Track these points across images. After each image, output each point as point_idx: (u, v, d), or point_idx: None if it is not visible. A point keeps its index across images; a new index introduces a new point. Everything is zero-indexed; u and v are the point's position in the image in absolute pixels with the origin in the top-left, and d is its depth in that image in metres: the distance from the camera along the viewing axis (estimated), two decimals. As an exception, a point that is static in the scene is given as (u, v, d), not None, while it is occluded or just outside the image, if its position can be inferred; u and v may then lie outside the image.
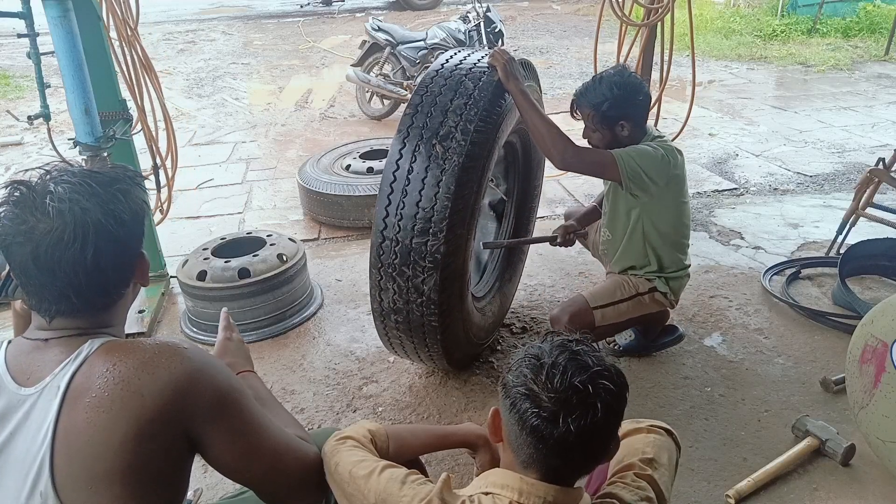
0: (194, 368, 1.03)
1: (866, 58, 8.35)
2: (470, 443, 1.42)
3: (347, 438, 1.25)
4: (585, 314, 2.39)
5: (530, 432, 1.05)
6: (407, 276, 2.14)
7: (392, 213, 2.12)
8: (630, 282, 2.49)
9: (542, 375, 1.07)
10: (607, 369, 1.09)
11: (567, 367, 1.06)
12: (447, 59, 2.35)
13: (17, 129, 6.04)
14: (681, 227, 2.48)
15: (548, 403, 1.05)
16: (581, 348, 1.10)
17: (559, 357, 1.08)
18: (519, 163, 2.94)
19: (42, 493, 0.96)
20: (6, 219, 1.01)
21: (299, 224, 4.26)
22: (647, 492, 1.21)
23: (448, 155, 2.08)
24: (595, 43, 4.33)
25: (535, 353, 1.11)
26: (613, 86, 2.29)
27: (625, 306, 2.46)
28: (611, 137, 2.35)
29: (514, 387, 1.09)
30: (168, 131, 3.25)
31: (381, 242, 2.15)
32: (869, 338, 2.05)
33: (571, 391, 1.04)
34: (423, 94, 2.20)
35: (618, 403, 1.08)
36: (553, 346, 1.11)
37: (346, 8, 12.36)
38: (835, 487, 2.09)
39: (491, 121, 2.17)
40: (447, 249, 2.10)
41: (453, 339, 2.36)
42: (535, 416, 1.04)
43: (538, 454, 1.07)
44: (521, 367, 1.10)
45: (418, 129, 2.13)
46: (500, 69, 2.21)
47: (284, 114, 6.70)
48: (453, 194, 2.06)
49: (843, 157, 5.17)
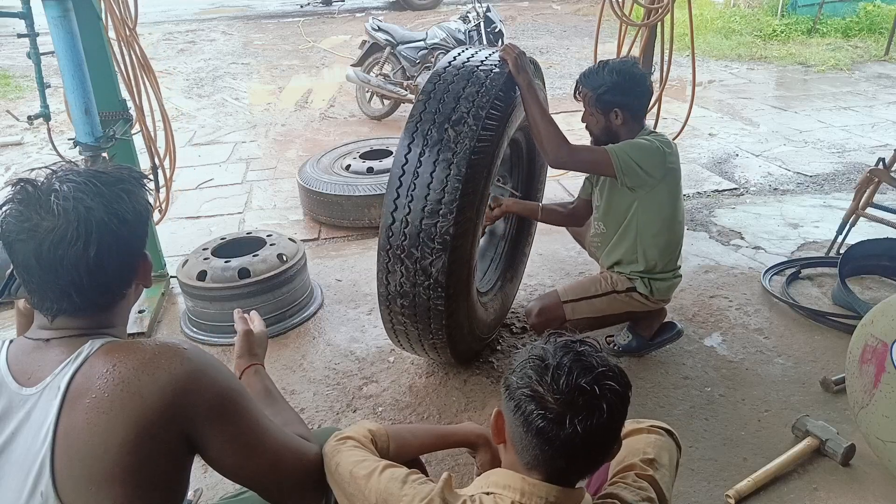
0: (194, 369, 1.03)
1: (866, 58, 8.35)
2: (470, 442, 1.43)
3: (348, 438, 1.25)
4: (555, 308, 2.45)
5: (536, 434, 1.05)
6: (415, 258, 2.16)
7: (403, 194, 2.15)
8: (609, 278, 2.51)
9: (548, 377, 1.06)
10: (612, 370, 1.08)
11: (572, 367, 1.05)
12: (459, 53, 2.39)
13: (17, 129, 6.04)
14: (675, 225, 2.47)
15: (553, 405, 1.04)
16: (585, 349, 1.10)
17: (564, 358, 1.07)
18: (523, 162, 2.98)
19: (43, 493, 0.96)
20: (11, 216, 1.02)
21: (299, 224, 4.26)
22: (648, 492, 1.21)
23: (460, 139, 2.10)
24: (595, 43, 4.33)
25: (539, 354, 1.10)
26: (614, 72, 2.33)
27: (598, 302, 2.48)
28: (604, 123, 2.38)
29: (519, 388, 1.08)
30: (166, 132, 3.25)
31: (390, 224, 2.17)
32: (869, 338, 2.05)
33: (577, 392, 1.03)
34: (435, 83, 2.24)
35: (622, 404, 1.08)
36: (557, 346, 1.10)
37: (346, 8, 12.36)
38: (835, 487, 2.09)
39: (501, 109, 2.21)
40: (456, 231, 2.11)
41: (457, 327, 2.36)
42: (541, 417, 1.04)
43: (543, 455, 1.06)
44: (525, 369, 1.09)
45: (431, 115, 2.17)
46: (511, 62, 2.24)
47: (284, 114, 6.70)
48: (464, 177, 2.08)
49: (843, 157, 5.17)
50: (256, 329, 1.46)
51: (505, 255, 3.02)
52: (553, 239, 3.66)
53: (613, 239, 2.50)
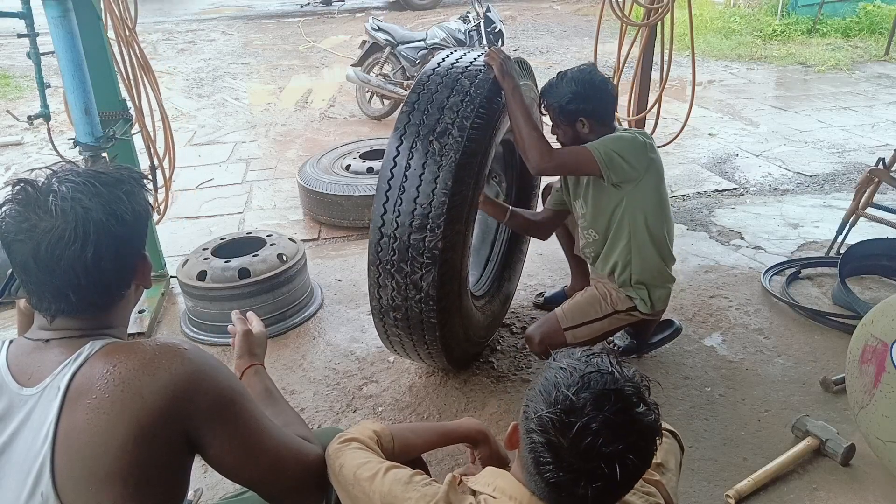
0: (195, 370, 1.03)
1: (866, 58, 8.35)
2: (471, 438, 1.43)
3: (352, 440, 1.24)
4: (556, 335, 2.39)
5: (546, 483, 1.00)
6: (405, 273, 2.15)
7: (390, 209, 2.13)
8: (610, 297, 2.44)
9: (570, 433, 0.94)
10: (644, 434, 0.97)
11: (600, 432, 0.93)
12: (443, 59, 2.36)
13: (17, 129, 6.04)
14: (665, 221, 2.42)
15: (569, 466, 0.96)
16: (619, 406, 0.96)
17: (592, 421, 0.94)
18: (517, 161, 2.94)
19: (43, 493, 0.96)
20: (9, 216, 1.02)
21: (299, 224, 4.26)
22: (656, 497, 1.19)
23: (445, 151, 2.08)
24: (595, 43, 4.33)
25: (566, 406, 0.96)
26: (573, 82, 2.32)
27: (600, 325, 2.44)
28: (573, 134, 2.37)
29: (537, 431, 0.98)
30: (166, 132, 3.25)
31: (379, 239, 2.16)
32: (869, 338, 2.05)
33: (599, 462, 0.94)
34: (419, 92, 2.21)
35: (645, 466, 0.99)
36: (588, 399, 0.96)
37: (346, 8, 12.36)
38: (835, 487, 2.10)
39: (487, 117, 2.18)
40: (445, 245, 2.10)
41: (452, 336, 2.36)
42: (554, 474, 0.97)
43: (550, 497, 1.02)
44: (548, 415, 0.97)
45: (415, 127, 2.14)
46: (496, 67, 2.22)
47: (284, 114, 6.70)
48: (450, 190, 2.07)
49: (843, 157, 5.17)
50: (255, 329, 1.46)
51: (502, 255, 2.99)
52: (553, 238, 3.65)
53: (607, 243, 2.44)
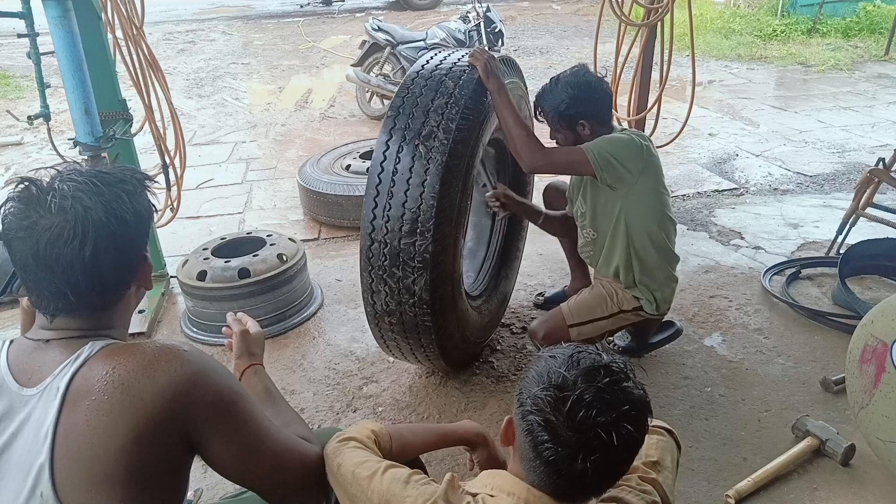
0: (194, 371, 1.03)
1: (866, 58, 8.35)
2: (469, 441, 1.42)
3: (350, 439, 1.24)
4: (561, 331, 2.38)
5: (545, 463, 1.01)
6: (397, 278, 2.14)
7: (379, 215, 2.13)
8: (616, 296, 2.43)
9: (564, 408, 0.98)
10: (635, 406, 1.01)
11: (592, 402, 0.98)
12: (427, 60, 2.35)
13: (17, 129, 6.04)
14: (665, 221, 2.40)
15: (567, 440, 0.98)
16: (608, 380, 1.01)
17: (585, 392, 0.99)
18: (508, 160, 2.91)
19: (42, 494, 0.96)
20: (11, 214, 1.02)
21: (299, 224, 4.26)
22: (652, 496, 1.20)
23: (431, 154, 2.08)
24: (595, 43, 4.33)
25: (558, 382, 1.01)
26: (568, 86, 2.31)
27: (605, 323, 2.44)
28: (574, 138, 2.36)
29: (532, 413, 1.02)
30: (175, 129, 3.25)
31: (370, 245, 2.16)
32: (869, 338, 2.05)
33: (594, 432, 0.97)
34: (403, 96, 2.20)
35: (640, 437, 1.03)
36: (579, 373, 1.01)
37: (346, 8, 12.36)
38: (835, 487, 2.10)
39: (473, 119, 2.18)
40: (436, 248, 2.10)
41: (448, 338, 2.35)
42: (553, 450, 0.99)
43: (550, 481, 1.03)
44: (541, 393, 1.01)
45: (401, 131, 2.14)
46: (481, 67, 2.21)
47: (284, 114, 6.70)
48: (438, 193, 2.07)
49: (843, 157, 5.17)
50: (252, 329, 1.46)
51: (498, 253, 2.97)
52: (553, 238, 3.65)
53: (606, 242, 2.43)
